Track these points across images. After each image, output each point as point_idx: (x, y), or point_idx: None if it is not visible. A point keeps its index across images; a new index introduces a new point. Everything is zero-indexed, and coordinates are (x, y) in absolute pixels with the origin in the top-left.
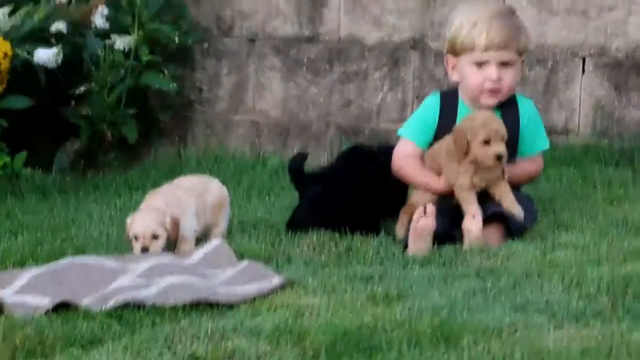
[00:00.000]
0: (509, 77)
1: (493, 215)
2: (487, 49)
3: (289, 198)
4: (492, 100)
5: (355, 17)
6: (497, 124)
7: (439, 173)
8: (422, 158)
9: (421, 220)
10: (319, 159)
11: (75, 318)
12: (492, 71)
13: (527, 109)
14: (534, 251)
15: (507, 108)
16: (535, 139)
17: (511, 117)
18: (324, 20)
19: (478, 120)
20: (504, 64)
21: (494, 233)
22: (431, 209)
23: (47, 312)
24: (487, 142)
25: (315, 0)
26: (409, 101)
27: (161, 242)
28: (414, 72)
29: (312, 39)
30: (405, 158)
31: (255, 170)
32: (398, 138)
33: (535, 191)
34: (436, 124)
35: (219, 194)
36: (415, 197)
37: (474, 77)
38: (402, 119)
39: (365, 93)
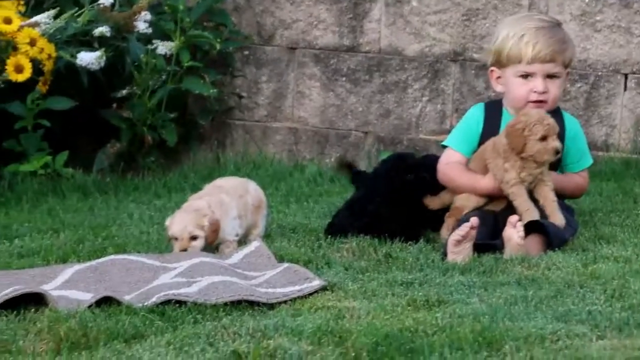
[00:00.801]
0: (554, 89)
1: (533, 225)
2: (533, 61)
3: (327, 204)
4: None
5: (396, 28)
6: (552, 120)
7: (484, 174)
8: (467, 165)
9: (462, 229)
10: (357, 168)
11: (118, 313)
12: (538, 83)
13: (573, 124)
14: (575, 262)
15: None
16: (581, 156)
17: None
18: (365, 31)
19: (534, 117)
20: (549, 76)
21: (534, 243)
22: (476, 222)
23: (90, 307)
24: (544, 138)
25: (356, 10)
26: (448, 113)
27: (199, 243)
28: (453, 84)
29: (352, 49)
30: (449, 164)
31: (293, 176)
32: (443, 149)
33: (576, 204)
34: (480, 133)
35: (256, 195)
36: (460, 200)
37: (520, 88)
38: (441, 131)
39: (405, 104)
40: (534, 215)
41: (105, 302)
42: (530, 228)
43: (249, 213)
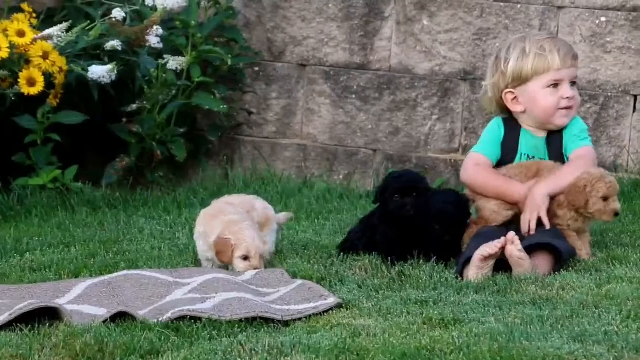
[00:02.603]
0: (577, 95)
1: (540, 245)
2: (563, 66)
3: (337, 221)
4: (566, 120)
5: (407, 47)
6: (614, 180)
7: None
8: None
9: (492, 246)
10: (365, 185)
11: (133, 328)
12: (566, 88)
13: (569, 127)
14: (589, 282)
15: (553, 134)
16: (573, 139)
17: (556, 140)
18: (375, 49)
19: (597, 175)
20: (572, 82)
21: (543, 261)
22: (510, 239)
23: (105, 322)
24: (605, 198)
25: (367, 28)
26: (457, 132)
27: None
28: (463, 102)
29: (362, 67)
30: (477, 167)
31: (303, 193)
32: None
33: None
34: (501, 142)
35: (263, 212)
36: (488, 212)
37: (549, 99)
38: (450, 149)
39: (414, 122)
40: (518, 245)
41: (120, 317)
42: (539, 246)
43: None
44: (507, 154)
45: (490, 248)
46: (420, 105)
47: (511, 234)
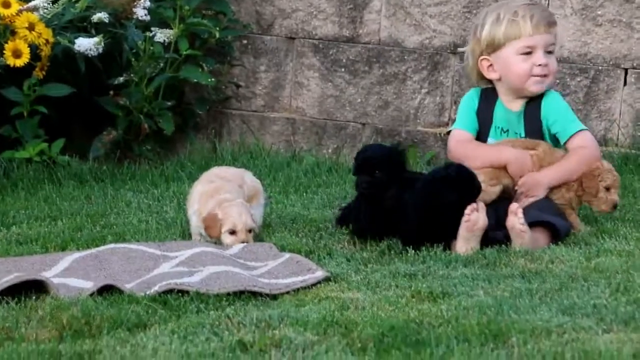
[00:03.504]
0: (553, 63)
1: (539, 222)
2: (534, 32)
3: (326, 195)
4: (540, 87)
5: (396, 19)
6: (618, 175)
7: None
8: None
9: (473, 215)
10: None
11: (120, 302)
12: (539, 55)
13: (547, 103)
14: (578, 256)
15: (532, 104)
16: (565, 126)
17: (533, 116)
18: (365, 22)
19: (606, 166)
20: (548, 51)
21: (541, 237)
22: (482, 205)
23: (92, 295)
24: (608, 188)
25: (356, 1)
26: (447, 105)
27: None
28: (453, 76)
29: (351, 40)
30: (462, 143)
31: (291, 167)
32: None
33: None
34: (475, 111)
35: (252, 185)
36: None
37: (522, 65)
38: (439, 123)
39: (403, 95)
40: (520, 217)
41: (107, 290)
42: (538, 223)
43: None
44: (482, 125)
45: (467, 216)
46: (409, 79)
47: (514, 206)
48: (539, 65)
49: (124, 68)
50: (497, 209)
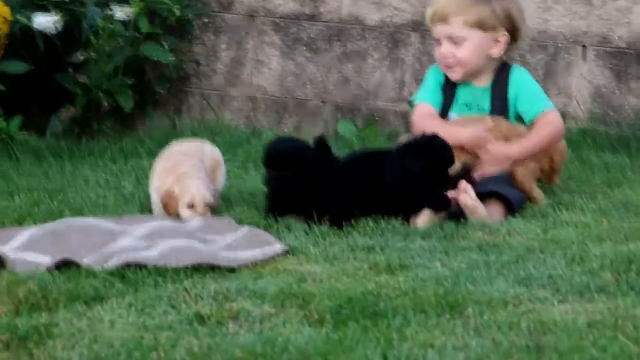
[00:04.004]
0: (460, 53)
1: (491, 193)
2: (431, 22)
3: None
4: (454, 75)
5: None
6: None
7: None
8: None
9: (469, 201)
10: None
11: (77, 276)
12: (441, 47)
13: (515, 79)
14: (535, 228)
15: (499, 81)
16: (533, 103)
17: (499, 92)
18: (326, 0)
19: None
20: (453, 40)
21: (496, 210)
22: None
23: (49, 269)
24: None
25: None
26: (407, 82)
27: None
28: (413, 53)
29: (312, 18)
30: (424, 117)
31: (251, 143)
32: (411, 107)
33: None
34: (441, 86)
35: (211, 155)
36: None
37: (435, 52)
38: (399, 100)
39: (364, 73)
40: (472, 194)
41: (64, 264)
42: (491, 194)
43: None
44: (445, 100)
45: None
46: (370, 56)
47: (463, 184)
48: (442, 55)
49: (84, 46)
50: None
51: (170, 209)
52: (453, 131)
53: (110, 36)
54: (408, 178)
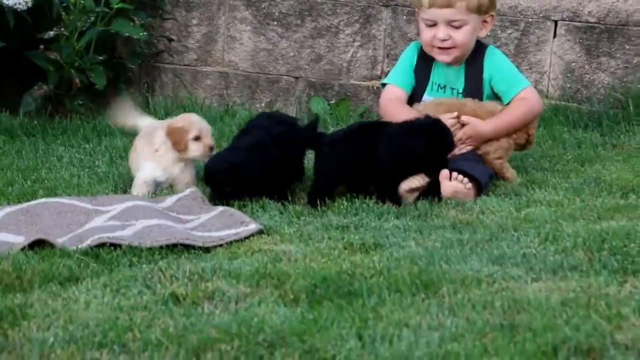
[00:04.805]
0: (459, 36)
1: (459, 172)
2: (431, 5)
3: None
4: (445, 57)
5: None
6: None
7: None
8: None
9: (418, 181)
10: (287, 113)
11: (52, 256)
12: (439, 30)
13: (490, 61)
14: (508, 207)
15: (473, 61)
16: (510, 84)
17: (474, 73)
18: None
19: None
20: (452, 24)
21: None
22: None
23: (23, 249)
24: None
25: None
26: (379, 58)
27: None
28: (385, 29)
29: None
30: (391, 100)
31: (224, 121)
32: (382, 87)
33: None
34: (414, 69)
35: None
36: None
37: (424, 33)
38: (372, 76)
39: (336, 49)
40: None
41: (38, 244)
42: (461, 173)
43: None
44: (419, 81)
45: (418, 181)
46: (342, 32)
47: (455, 174)
48: (440, 39)
49: (55, 22)
50: None
51: (180, 145)
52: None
53: (81, 12)
54: (405, 157)
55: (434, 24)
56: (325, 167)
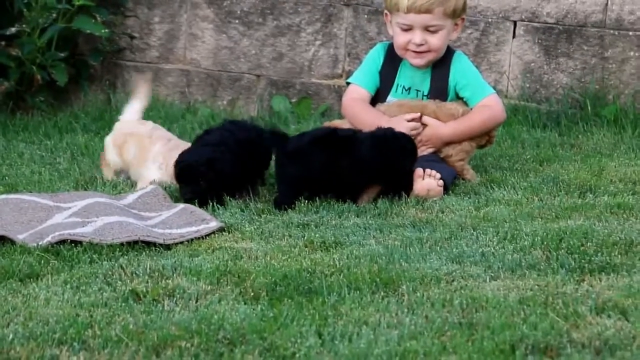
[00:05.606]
0: (435, 41)
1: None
2: (409, 10)
3: None
4: (418, 61)
5: None
6: None
7: None
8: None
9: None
10: (249, 111)
11: (12, 252)
12: (414, 35)
13: (457, 66)
14: (467, 205)
15: (440, 65)
16: (475, 91)
17: (440, 76)
18: None
19: None
20: (429, 29)
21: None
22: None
23: None
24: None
25: None
26: (340, 57)
27: None
28: (346, 28)
29: None
30: (354, 100)
31: (186, 118)
32: (347, 86)
33: None
34: (380, 71)
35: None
36: None
37: (399, 37)
38: (333, 75)
39: (298, 47)
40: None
41: None
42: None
43: None
44: (384, 83)
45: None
46: (303, 31)
47: (429, 170)
48: (416, 44)
49: (16, 19)
50: None
51: None
52: (376, 120)
53: (43, 9)
54: (368, 168)
55: (409, 29)
56: (288, 177)
